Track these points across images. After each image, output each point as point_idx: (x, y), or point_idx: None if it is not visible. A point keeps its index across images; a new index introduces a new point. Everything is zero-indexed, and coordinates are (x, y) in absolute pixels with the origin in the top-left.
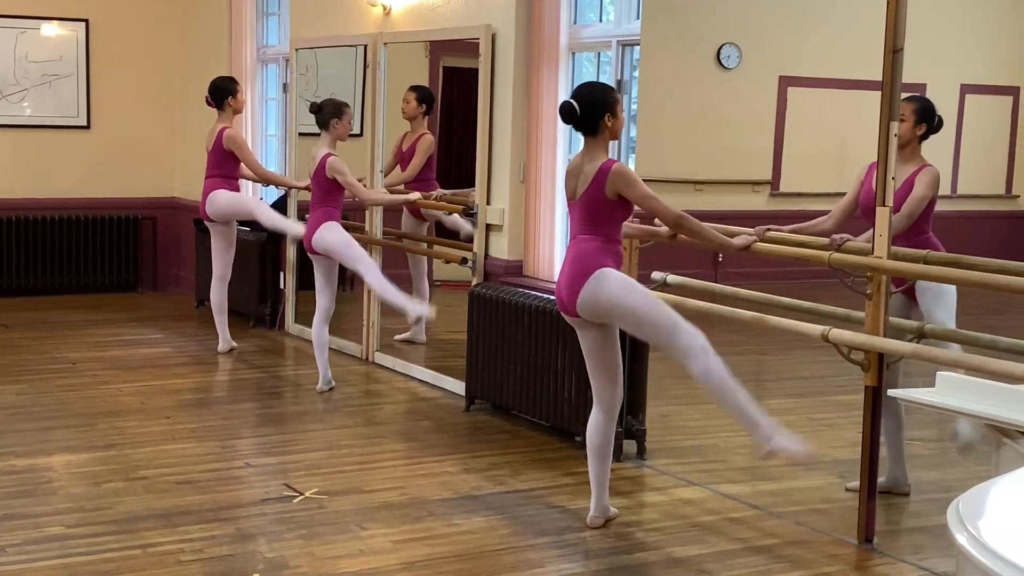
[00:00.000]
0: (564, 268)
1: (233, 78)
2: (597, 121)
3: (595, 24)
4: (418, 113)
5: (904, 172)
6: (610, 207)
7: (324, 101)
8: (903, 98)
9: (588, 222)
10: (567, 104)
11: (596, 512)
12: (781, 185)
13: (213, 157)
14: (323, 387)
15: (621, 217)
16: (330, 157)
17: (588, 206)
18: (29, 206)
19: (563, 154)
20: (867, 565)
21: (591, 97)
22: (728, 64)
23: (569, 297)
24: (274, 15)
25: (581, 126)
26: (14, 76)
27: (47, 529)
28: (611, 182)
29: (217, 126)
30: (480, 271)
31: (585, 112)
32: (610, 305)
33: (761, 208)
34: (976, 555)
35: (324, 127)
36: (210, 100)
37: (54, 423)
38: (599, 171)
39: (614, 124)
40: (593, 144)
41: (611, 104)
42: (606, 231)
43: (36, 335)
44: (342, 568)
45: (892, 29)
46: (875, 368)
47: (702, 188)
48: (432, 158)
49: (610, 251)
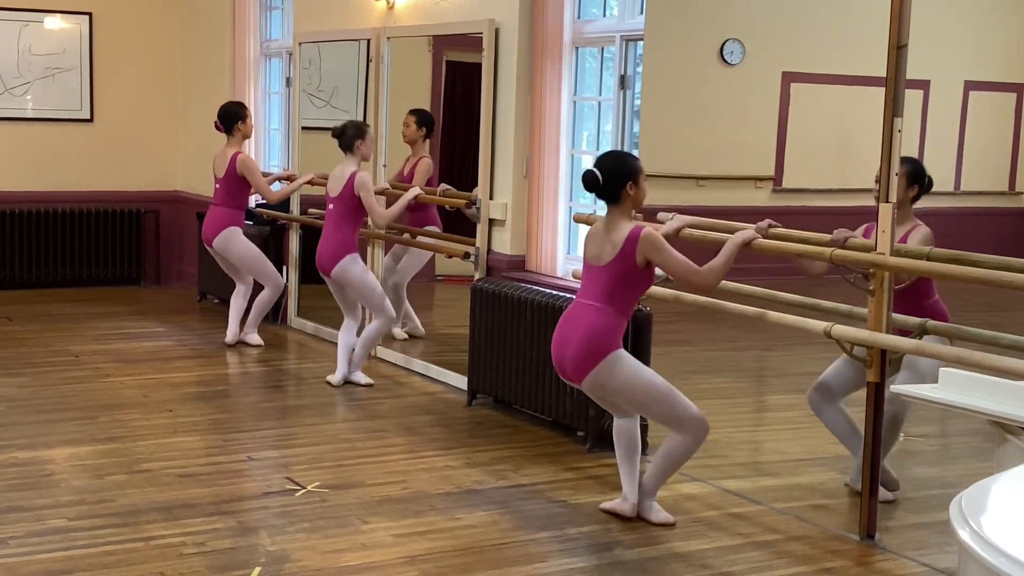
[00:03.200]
0: (571, 333)
1: (242, 104)
2: (619, 189)
3: (599, 19)
4: (418, 137)
5: (898, 233)
6: (637, 276)
7: (345, 124)
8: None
9: (608, 290)
10: (590, 173)
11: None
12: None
13: (225, 184)
14: (338, 381)
15: (643, 287)
16: (359, 173)
17: (615, 274)
18: (32, 199)
19: (566, 149)
20: (869, 561)
21: (613, 166)
22: (731, 60)
23: (575, 371)
24: (277, 9)
25: (603, 194)
26: (17, 69)
27: (49, 521)
28: (641, 249)
29: (228, 151)
30: (482, 266)
31: (607, 181)
32: (620, 392)
33: (763, 204)
34: (978, 551)
35: (348, 149)
36: (219, 125)
37: (56, 416)
38: (628, 239)
39: (636, 193)
40: (616, 212)
41: (634, 173)
42: (623, 304)
43: (39, 328)
44: (344, 561)
45: (896, 25)
46: (877, 364)
47: (704, 184)
48: (431, 182)
49: (621, 327)
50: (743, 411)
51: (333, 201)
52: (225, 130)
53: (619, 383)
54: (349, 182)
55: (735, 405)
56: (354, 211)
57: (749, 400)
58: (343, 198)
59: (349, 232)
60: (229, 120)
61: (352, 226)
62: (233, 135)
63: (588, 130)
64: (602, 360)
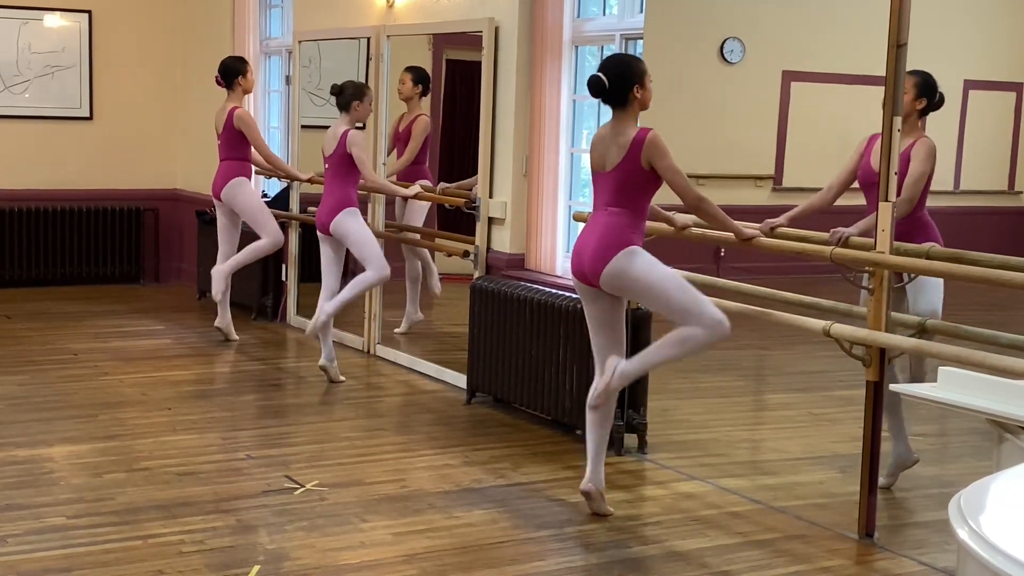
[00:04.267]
0: (588, 238)
1: (243, 58)
2: (626, 93)
3: (598, 18)
4: (414, 94)
5: (901, 145)
6: (644, 178)
7: (346, 83)
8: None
9: (619, 194)
10: (595, 77)
11: (591, 484)
12: (784, 180)
13: (225, 138)
14: (326, 362)
15: (652, 189)
16: (351, 131)
17: (621, 177)
18: (31, 197)
19: (566, 148)
20: (868, 560)
21: (619, 69)
22: (731, 59)
23: (592, 267)
24: (277, 7)
25: (610, 98)
26: (17, 67)
27: (48, 520)
28: (646, 150)
29: (227, 106)
30: (482, 264)
31: (614, 84)
32: (637, 283)
33: (764, 203)
34: (977, 550)
35: (345, 108)
36: (220, 79)
37: (55, 414)
38: (634, 141)
39: (643, 95)
40: (623, 115)
41: (639, 75)
42: (635, 205)
43: (38, 326)
44: (343, 560)
45: (896, 24)
46: (876, 363)
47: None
48: (427, 141)
49: (639, 227)
50: (742, 410)
51: (328, 160)
52: (225, 85)
53: (636, 273)
54: (341, 140)
55: (734, 404)
56: (349, 168)
57: (748, 399)
58: (336, 156)
59: (344, 189)
60: (229, 74)
61: (350, 183)
62: (233, 90)
63: (588, 128)
64: (619, 251)
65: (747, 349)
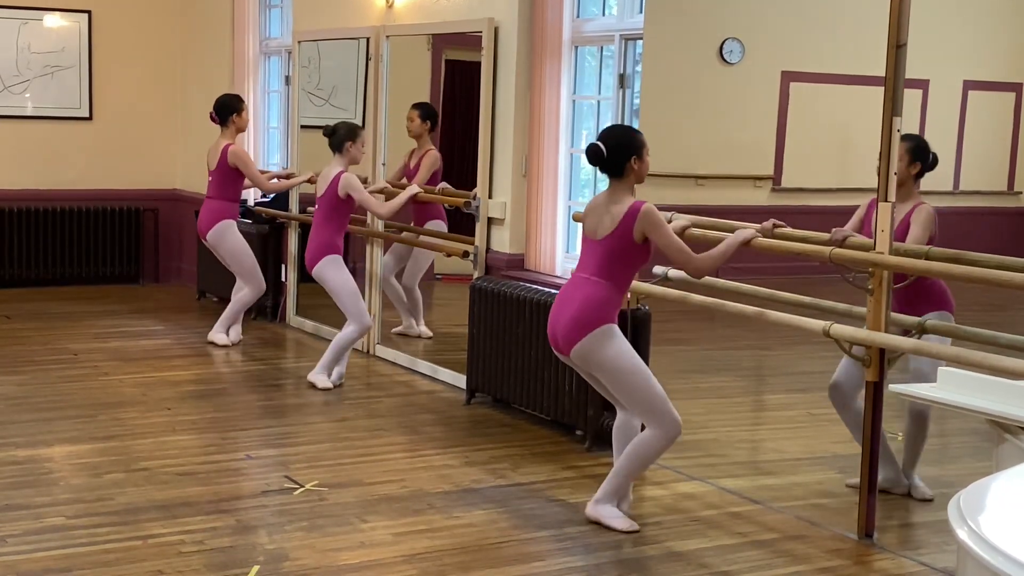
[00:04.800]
0: (565, 307)
1: (239, 96)
2: (623, 163)
3: (598, 18)
4: (423, 131)
5: (901, 211)
6: (634, 251)
7: (338, 124)
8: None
9: (606, 264)
10: (594, 147)
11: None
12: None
13: (217, 176)
14: (336, 380)
15: (640, 262)
16: (344, 174)
17: (611, 247)
18: (31, 197)
19: (565, 148)
20: (867, 560)
21: (618, 140)
22: (730, 59)
23: (565, 339)
24: (276, 7)
25: (607, 168)
26: (16, 67)
27: (48, 520)
28: (639, 223)
29: (220, 143)
30: (481, 265)
31: (612, 154)
32: (604, 365)
33: (762, 203)
34: (977, 550)
35: (338, 150)
36: (214, 116)
37: (55, 414)
38: (628, 212)
39: (640, 167)
40: (618, 186)
41: (637, 147)
42: (620, 278)
43: (37, 326)
44: (342, 560)
45: (895, 24)
46: (876, 364)
47: (703, 183)
48: (437, 174)
49: (617, 302)
50: (742, 410)
51: (319, 201)
52: (220, 121)
53: (604, 357)
54: (333, 183)
55: (734, 404)
56: (336, 212)
57: (748, 399)
58: (326, 199)
59: (330, 233)
60: (225, 111)
61: (333, 227)
62: (228, 127)
63: (587, 129)
64: (593, 330)
65: (747, 349)
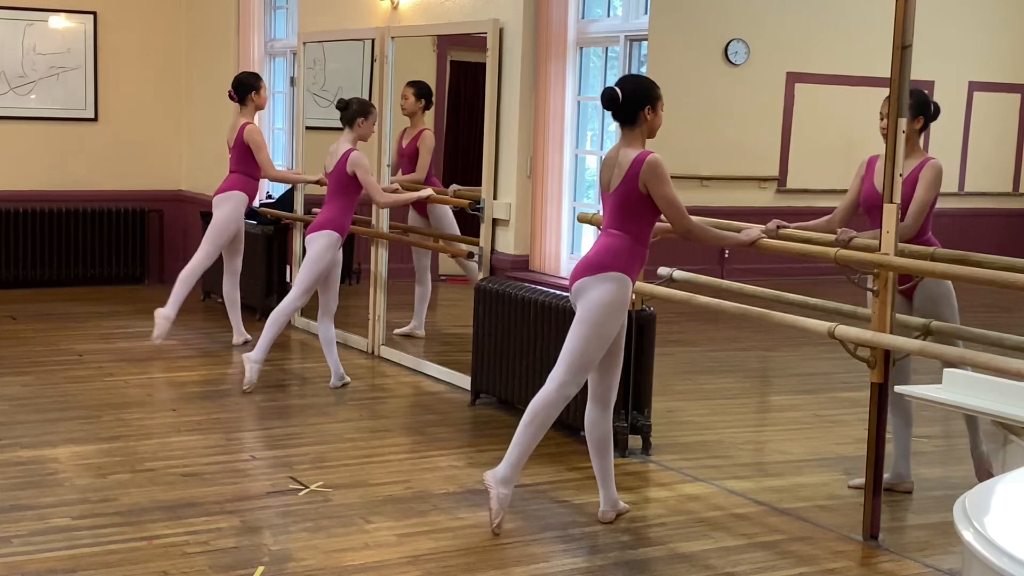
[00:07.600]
0: (588, 253)
1: (257, 74)
2: (637, 112)
3: (603, 19)
4: (417, 109)
5: (907, 168)
6: (641, 201)
7: (352, 99)
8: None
9: (619, 217)
10: (610, 90)
11: (606, 507)
12: (788, 181)
13: (236, 152)
14: (336, 383)
15: (650, 214)
16: (353, 152)
17: (621, 199)
18: (36, 198)
19: (570, 149)
20: (872, 562)
21: (635, 87)
22: (736, 60)
23: (574, 277)
24: (282, 8)
25: (620, 114)
26: (22, 68)
27: (53, 520)
28: (644, 173)
29: (239, 121)
30: (486, 266)
31: (627, 100)
32: (582, 305)
33: (768, 204)
34: (982, 551)
35: (349, 124)
36: (233, 95)
37: (60, 415)
38: (634, 162)
39: (653, 119)
40: (630, 136)
41: (653, 99)
42: (636, 229)
43: (43, 327)
44: (347, 561)
45: (901, 25)
46: (881, 365)
47: (708, 184)
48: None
49: (635, 253)
50: (746, 412)
51: (328, 176)
52: (238, 100)
53: (590, 296)
54: (342, 160)
55: (738, 405)
56: (344, 189)
57: (752, 401)
58: (335, 175)
59: (337, 210)
60: (243, 90)
61: (341, 204)
62: (246, 105)
63: (592, 130)
64: (602, 273)
65: (751, 351)
